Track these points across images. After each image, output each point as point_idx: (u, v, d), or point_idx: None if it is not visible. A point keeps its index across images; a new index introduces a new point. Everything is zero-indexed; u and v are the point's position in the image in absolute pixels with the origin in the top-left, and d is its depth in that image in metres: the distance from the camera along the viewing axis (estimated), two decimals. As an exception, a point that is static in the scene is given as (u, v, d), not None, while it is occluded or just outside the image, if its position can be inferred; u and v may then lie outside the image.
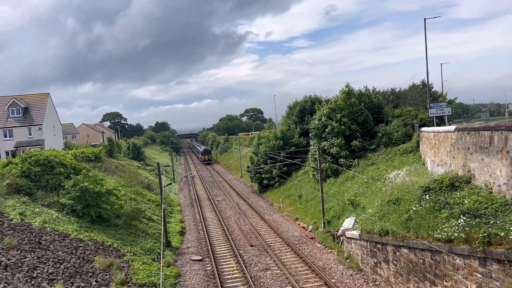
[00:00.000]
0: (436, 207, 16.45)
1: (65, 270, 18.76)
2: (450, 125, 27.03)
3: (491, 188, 15.09)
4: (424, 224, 16.23)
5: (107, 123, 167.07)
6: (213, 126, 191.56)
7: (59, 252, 20.20)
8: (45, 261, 18.75)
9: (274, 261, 25.01)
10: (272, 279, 22.20)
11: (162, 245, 20.25)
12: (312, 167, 37.99)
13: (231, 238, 30.79)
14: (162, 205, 28.29)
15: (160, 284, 19.70)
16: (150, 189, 48.29)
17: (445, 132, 20.98)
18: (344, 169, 33.95)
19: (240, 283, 21.95)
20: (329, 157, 36.05)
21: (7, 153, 53.33)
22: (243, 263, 24.77)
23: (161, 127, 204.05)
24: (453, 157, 19.38)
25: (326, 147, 36.09)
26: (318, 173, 32.27)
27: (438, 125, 31.01)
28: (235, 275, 23.25)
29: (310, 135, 41.41)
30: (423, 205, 17.49)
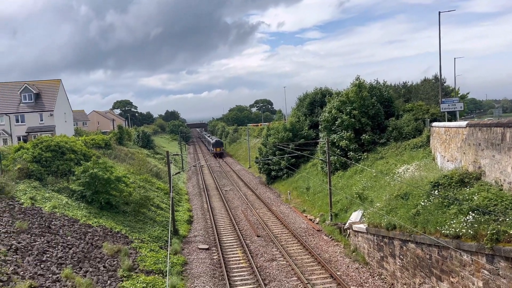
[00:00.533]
0: (445, 203, 16.34)
1: (74, 255, 19.03)
2: (463, 120, 26.76)
3: (502, 185, 14.94)
4: (432, 220, 16.15)
5: (118, 111, 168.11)
6: (223, 116, 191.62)
7: (68, 237, 20.49)
8: (54, 245, 19.03)
9: (280, 252, 25.11)
10: (278, 269, 22.31)
11: (169, 233, 20.41)
12: (320, 159, 37.91)
13: (238, 228, 30.95)
14: (171, 193, 28.47)
15: (167, 271, 19.90)
16: (159, 178, 48.63)
17: (456, 127, 20.76)
18: (353, 162, 33.83)
19: (246, 273, 22.09)
20: (338, 150, 35.94)
21: (18, 138, 53.98)
22: (250, 253, 24.91)
23: (171, 116, 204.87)
24: (464, 153, 19.20)
25: (335, 140, 35.96)
26: (326, 165, 32.20)
27: (449, 120, 30.70)
28: (241, 265, 23.41)
29: (319, 127, 41.25)
30: (431, 200, 17.39)
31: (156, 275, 20.44)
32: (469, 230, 13.80)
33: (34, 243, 18.22)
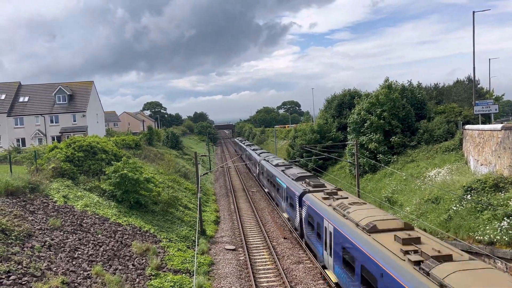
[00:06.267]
0: (478, 208, 15.87)
1: (104, 252, 19.46)
2: (501, 123, 25.91)
3: (539, 190, 14.38)
4: (465, 225, 15.71)
5: (148, 112, 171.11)
6: (250, 118, 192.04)
7: (99, 235, 20.97)
8: (85, 243, 19.52)
9: (307, 254, 24.93)
10: (305, 272, 22.15)
11: (197, 233, 20.60)
12: (349, 162, 37.46)
13: (265, 230, 30.92)
14: (198, 194, 28.74)
15: (194, 271, 20.08)
16: (187, 178, 49.17)
17: (490, 130, 20.13)
18: (382, 165, 33.27)
19: (272, 275, 22.04)
20: (367, 152, 35.44)
21: (53, 138, 55.73)
22: (276, 255, 24.84)
23: (199, 117, 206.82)
24: (499, 156, 18.58)
25: (364, 142, 35.48)
26: (355, 168, 31.78)
27: (483, 123, 29.78)
28: (267, 266, 23.37)
29: (348, 129, 40.81)
30: (464, 205, 16.91)
31: (184, 274, 20.66)
32: (504, 237, 13.34)
33: (66, 240, 18.74)
